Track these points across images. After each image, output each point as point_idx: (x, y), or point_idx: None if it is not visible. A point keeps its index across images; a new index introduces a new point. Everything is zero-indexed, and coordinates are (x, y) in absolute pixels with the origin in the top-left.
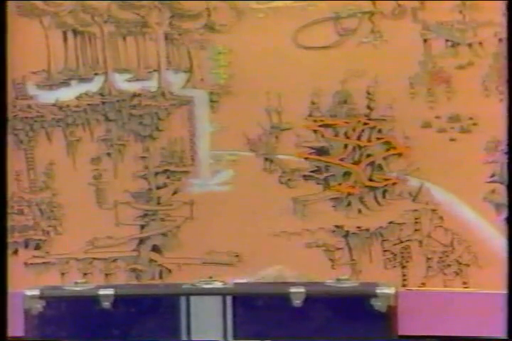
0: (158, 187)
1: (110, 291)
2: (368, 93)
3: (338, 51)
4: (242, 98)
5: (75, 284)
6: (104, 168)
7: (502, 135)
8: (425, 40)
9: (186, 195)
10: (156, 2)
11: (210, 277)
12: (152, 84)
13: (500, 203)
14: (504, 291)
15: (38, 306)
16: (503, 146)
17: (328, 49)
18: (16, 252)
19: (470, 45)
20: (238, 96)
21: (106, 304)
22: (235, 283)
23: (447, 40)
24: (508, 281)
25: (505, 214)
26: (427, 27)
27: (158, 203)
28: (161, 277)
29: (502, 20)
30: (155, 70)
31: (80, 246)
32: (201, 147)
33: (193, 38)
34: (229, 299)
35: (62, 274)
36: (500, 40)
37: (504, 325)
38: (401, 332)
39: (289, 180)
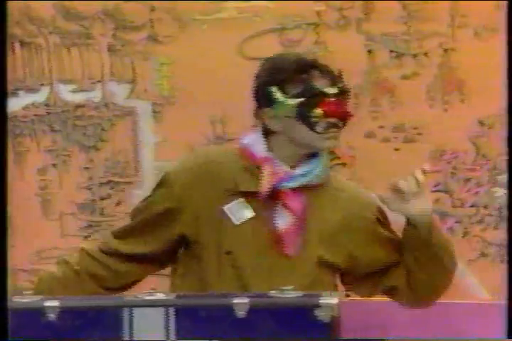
0: (102, 198)
1: (55, 303)
2: None
3: None
4: (185, 109)
5: (21, 296)
6: (50, 179)
7: (446, 144)
8: (369, 51)
9: (130, 206)
10: (100, 13)
11: (153, 289)
12: (96, 95)
13: (444, 212)
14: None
15: None
16: (448, 155)
17: None
18: None
19: (415, 55)
20: (182, 106)
21: (51, 316)
22: (178, 295)
23: (392, 51)
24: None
25: (449, 223)
26: (371, 38)
27: (102, 214)
28: None
29: (447, 30)
30: (99, 81)
31: (27, 257)
32: (145, 158)
33: (136, 49)
34: (171, 311)
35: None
36: (445, 50)
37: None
38: None
39: None
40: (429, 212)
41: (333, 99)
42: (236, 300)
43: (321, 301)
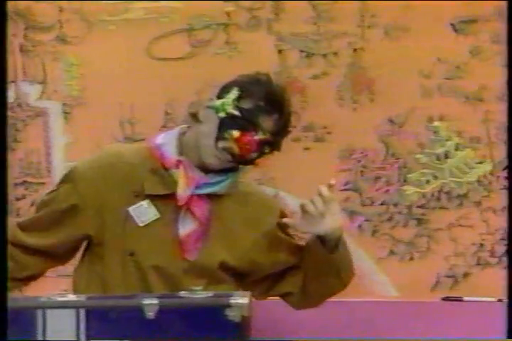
0: (17, 199)
1: None
2: None
3: (192, 62)
4: (95, 109)
5: None
6: None
7: (355, 143)
8: (280, 51)
9: None
10: (12, 14)
11: (65, 290)
12: (10, 95)
13: (354, 211)
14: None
15: None
16: (357, 154)
17: (182, 60)
18: None
19: (324, 55)
20: (91, 107)
21: None
22: (88, 296)
23: (302, 51)
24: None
25: (358, 221)
26: (281, 38)
27: (18, 215)
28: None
29: (357, 30)
30: (12, 81)
31: None
32: (56, 158)
33: (46, 49)
34: (82, 312)
35: None
36: (354, 50)
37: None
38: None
39: None
40: (339, 228)
41: (256, 138)
42: (145, 301)
43: (231, 301)
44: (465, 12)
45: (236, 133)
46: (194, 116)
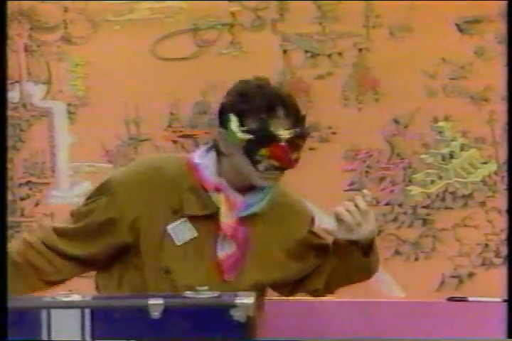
0: (21, 199)
1: None
2: None
3: (197, 62)
4: (99, 109)
5: None
6: None
7: (360, 143)
8: (285, 51)
9: (47, 206)
10: (16, 14)
11: (70, 290)
12: (14, 96)
13: None
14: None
15: None
16: (362, 154)
17: (187, 60)
18: None
19: (329, 55)
20: (96, 107)
21: None
22: (94, 296)
23: (307, 51)
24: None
25: None
26: (286, 38)
27: (22, 215)
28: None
29: (362, 30)
30: (16, 81)
31: None
32: (61, 158)
33: (51, 49)
34: (87, 312)
35: None
36: (359, 50)
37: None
38: None
39: None
40: (374, 234)
41: (282, 144)
42: (151, 301)
43: (236, 301)
44: (470, 12)
45: (265, 151)
46: (219, 151)
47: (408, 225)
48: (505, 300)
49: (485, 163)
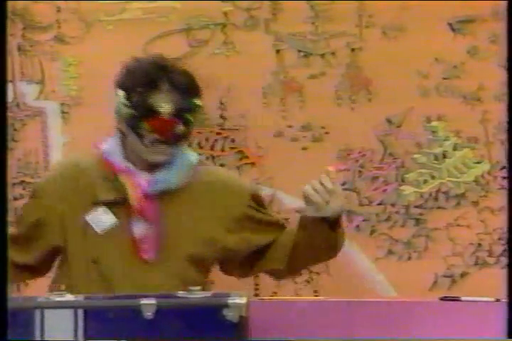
0: (15, 199)
1: None
2: (221, 103)
3: (190, 62)
4: (92, 109)
5: None
6: None
7: (353, 143)
8: (278, 51)
9: None
10: (10, 13)
11: (63, 290)
12: (7, 95)
13: (351, 210)
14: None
15: None
16: (355, 154)
17: (180, 60)
18: None
19: (322, 55)
20: (89, 107)
21: None
22: (86, 296)
23: (300, 51)
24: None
25: (356, 221)
26: (279, 38)
27: (16, 214)
28: (18, 289)
29: (355, 30)
30: (10, 81)
31: None
32: (54, 158)
33: (44, 49)
34: (80, 312)
35: None
36: (352, 50)
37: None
38: None
39: None
40: (342, 210)
41: (164, 117)
42: (143, 301)
43: (229, 301)
44: (462, 12)
45: (147, 125)
46: (122, 132)
47: (401, 225)
48: (498, 300)
49: (478, 162)
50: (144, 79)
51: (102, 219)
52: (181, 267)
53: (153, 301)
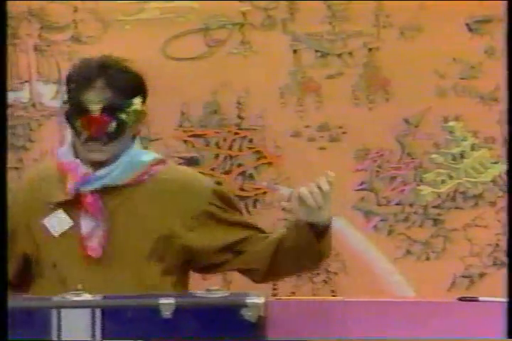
0: None
1: None
2: (239, 103)
3: (207, 62)
4: None
5: None
6: None
7: (371, 143)
8: (295, 51)
9: None
10: (26, 13)
11: (78, 289)
12: (24, 95)
13: (369, 211)
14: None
15: None
16: (373, 154)
17: (198, 60)
18: None
19: (340, 55)
20: None
21: None
22: (104, 296)
23: (317, 51)
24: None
25: (374, 221)
26: (296, 38)
27: None
28: None
29: (372, 30)
30: (26, 81)
31: None
32: None
33: (60, 49)
34: (98, 311)
35: None
36: (370, 49)
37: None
38: None
39: None
40: (330, 218)
41: (94, 115)
42: (162, 301)
43: (247, 301)
44: (480, 12)
45: (79, 123)
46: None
47: (419, 225)
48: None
49: (495, 162)
50: (80, 77)
51: (57, 221)
52: (135, 265)
53: (171, 301)
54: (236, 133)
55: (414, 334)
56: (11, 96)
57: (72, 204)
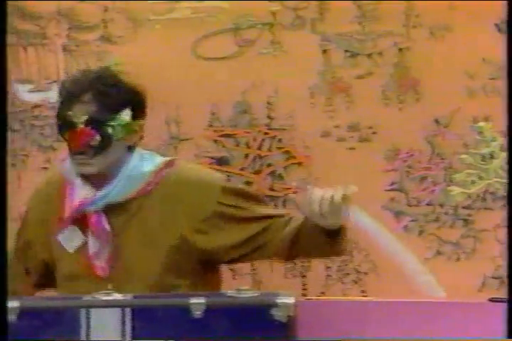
0: None
1: (16, 303)
2: (268, 103)
3: (237, 62)
4: None
5: None
6: (10, 180)
7: (401, 143)
8: (324, 51)
9: None
10: (55, 13)
11: (109, 289)
12: (52, 95)
13: (399, 211)
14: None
15: None
16: (403, 154)
17: (228, 60)
18: None
19: (369, 55)
20: None
21: (12, 318)
22: (135, 295)
23: (346, 51)
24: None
25: (405, 222)
26: (326, 38)
27: None
28: None
29: (402, 30)
30: (55, 81)
31: None
32: None
33: (90, 49)
34: (128, 311)
35: None
36: (400, 49)
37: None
38: None
39: None
40: (338, 225)
41: (77, 129)
42: (193, 301)
43: (278, 301)
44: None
45: (67, 136)
46: None
47: (449, 225)
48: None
49: None
50: (69, 91)
51: (72, 237)
52: (147, 278)
53: (202, 300)
54: (266, 133)
55: (444, 334)
56: (39, 97)
57: (81, 221)
